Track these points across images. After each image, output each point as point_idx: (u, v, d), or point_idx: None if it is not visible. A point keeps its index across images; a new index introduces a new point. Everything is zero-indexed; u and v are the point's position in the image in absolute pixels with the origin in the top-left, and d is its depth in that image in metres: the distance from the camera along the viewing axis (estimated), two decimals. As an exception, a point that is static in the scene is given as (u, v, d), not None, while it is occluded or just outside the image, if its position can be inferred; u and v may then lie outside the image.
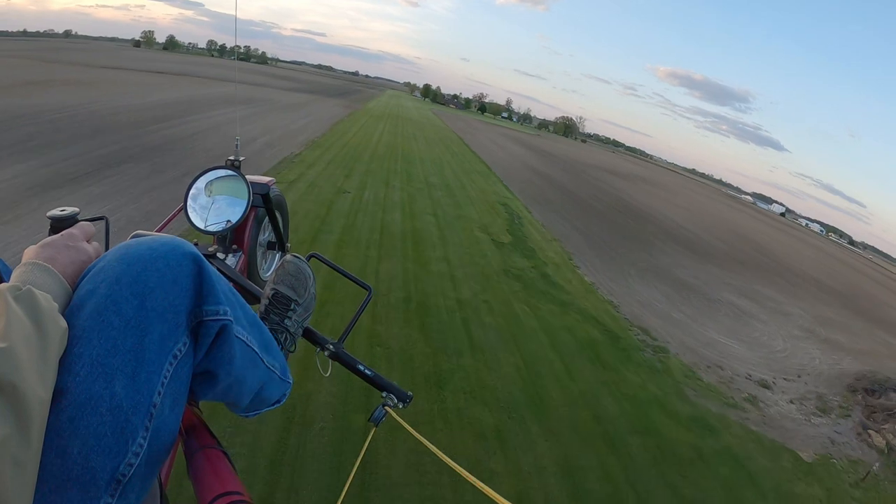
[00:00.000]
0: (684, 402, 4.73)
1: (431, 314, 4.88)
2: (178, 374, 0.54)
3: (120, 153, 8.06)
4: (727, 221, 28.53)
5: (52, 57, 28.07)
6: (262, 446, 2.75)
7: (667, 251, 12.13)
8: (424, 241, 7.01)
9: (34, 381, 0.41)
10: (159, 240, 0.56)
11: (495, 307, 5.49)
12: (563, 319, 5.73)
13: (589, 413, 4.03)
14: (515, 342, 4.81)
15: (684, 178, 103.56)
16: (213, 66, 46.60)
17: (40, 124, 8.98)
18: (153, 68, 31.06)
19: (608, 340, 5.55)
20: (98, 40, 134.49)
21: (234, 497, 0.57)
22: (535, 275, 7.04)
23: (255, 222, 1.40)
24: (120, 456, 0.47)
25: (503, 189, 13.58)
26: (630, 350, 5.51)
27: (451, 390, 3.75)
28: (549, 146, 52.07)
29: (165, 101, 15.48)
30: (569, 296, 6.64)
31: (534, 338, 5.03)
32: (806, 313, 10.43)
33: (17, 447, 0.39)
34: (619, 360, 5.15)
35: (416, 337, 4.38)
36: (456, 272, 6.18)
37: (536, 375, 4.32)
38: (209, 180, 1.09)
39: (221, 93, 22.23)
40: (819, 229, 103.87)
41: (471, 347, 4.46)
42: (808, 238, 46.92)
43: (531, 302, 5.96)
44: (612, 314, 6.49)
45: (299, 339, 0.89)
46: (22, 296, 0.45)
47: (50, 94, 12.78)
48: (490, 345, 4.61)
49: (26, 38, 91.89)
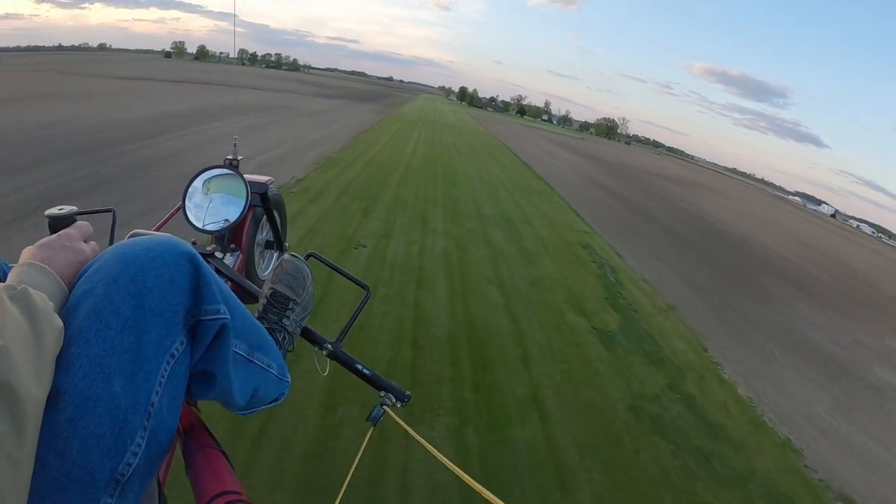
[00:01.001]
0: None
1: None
2: (175, 373, 0.54)
3: (72, 184, 5.92)
4: (801, 234, 24.34)
5: (73, 69, 27.28)
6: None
7: (780, 296, 9.04)
8: (490, 351, 4.03)
9: (29, 379, 0.42)
10: (156, 239, 0.56)
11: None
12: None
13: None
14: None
15: (730, 179, 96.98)
16: (240, 75, 45.96)
17: (13, 144, 7.40)
18: (175, 77, 30.00)
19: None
20: (135, 53, 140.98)
21: (232, 497, 0.56)
22: (678, 410, 3.94)
23: (253, 222, 1.41)
24: (119, 456, 0.47)
25: (574, 217, 10.48)
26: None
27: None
28: (597, 150, 48.31)
29: (166, 113, 13.37)
30: (741, 453, 3.55)
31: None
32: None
33: (12, 445, 0.39)
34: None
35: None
36: (557, 435, 3.16)
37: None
38: (207, 179, 1.10)
39: (236, 100, 20.39)
40: (870, 230, 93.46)
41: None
42: (864, 242, 40.14)
43: (699, 499, 2.97)
44: (802, 476, 3.44)
45: (297, 338, 0.91)
46: (17, 295, 0.46)
47: (44, 108, 11.10)
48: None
49: (60, 52, 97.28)
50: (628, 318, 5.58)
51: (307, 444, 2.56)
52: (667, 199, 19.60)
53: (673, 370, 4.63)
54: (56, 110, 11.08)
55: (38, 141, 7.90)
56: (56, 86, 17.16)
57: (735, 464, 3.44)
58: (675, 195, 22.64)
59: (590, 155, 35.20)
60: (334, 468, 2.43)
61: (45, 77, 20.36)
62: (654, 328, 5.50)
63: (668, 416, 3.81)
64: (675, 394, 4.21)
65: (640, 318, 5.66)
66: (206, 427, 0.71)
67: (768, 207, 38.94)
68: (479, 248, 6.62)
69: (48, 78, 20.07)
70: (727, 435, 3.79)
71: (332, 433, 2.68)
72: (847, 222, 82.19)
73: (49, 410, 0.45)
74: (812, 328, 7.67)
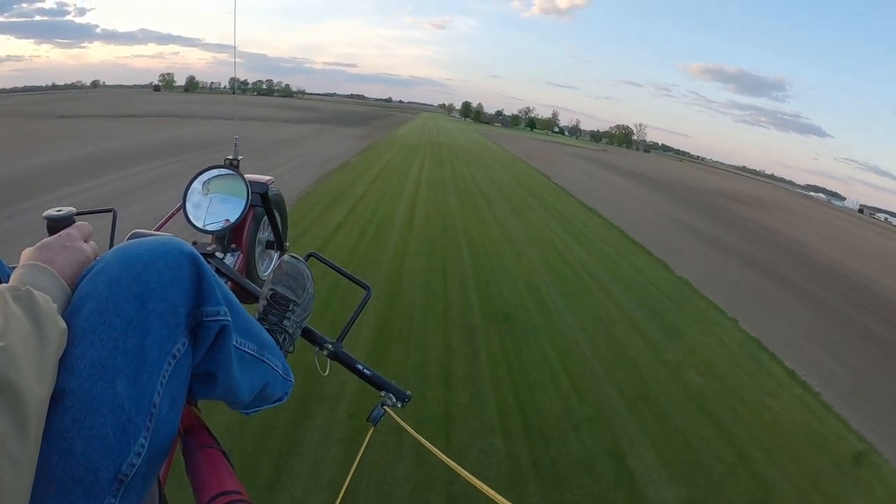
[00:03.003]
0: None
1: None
2: (176, 373, 0.55)
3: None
4: (880, 254, 19.56)
5: (32, 110, 24.45)
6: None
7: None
8: None
9: (32, 380, 0.43)
10: (158, 240, 0.58)
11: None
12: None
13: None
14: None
15: (762, 182, 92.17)
16: (216, 105, 43.09)
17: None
18: (139, 112, 26.91)
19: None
20: (131, 88, 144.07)
21: (232, 496, 0.57)
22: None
23: (253, 221, 1.41)
24: (122, 456, 0.48)
25: (782, 373, 6.42)
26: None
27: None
28: (630, 163, 44.37)
29: (61, 162, 9.74)
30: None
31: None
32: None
33: (14, 445, 0.40)
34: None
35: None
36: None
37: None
38: (207, 179, 1.11)
39: (191, 132, 16.84)
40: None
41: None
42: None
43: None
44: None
45: (298, 339, 0.92)
46: (21, 296, 0.47)
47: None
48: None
49: (54, 91, 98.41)
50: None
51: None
52: (757, 233, 15.28)
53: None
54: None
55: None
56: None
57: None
58: (752, 221, 18.34)
59: (636, 174, 30.44)
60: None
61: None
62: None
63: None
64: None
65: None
66: (206, 427, 0.72)
67: (838, 222, 34.33)
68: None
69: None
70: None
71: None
72: (875, 216, 75.29)
73: (53, 410, 0.46)
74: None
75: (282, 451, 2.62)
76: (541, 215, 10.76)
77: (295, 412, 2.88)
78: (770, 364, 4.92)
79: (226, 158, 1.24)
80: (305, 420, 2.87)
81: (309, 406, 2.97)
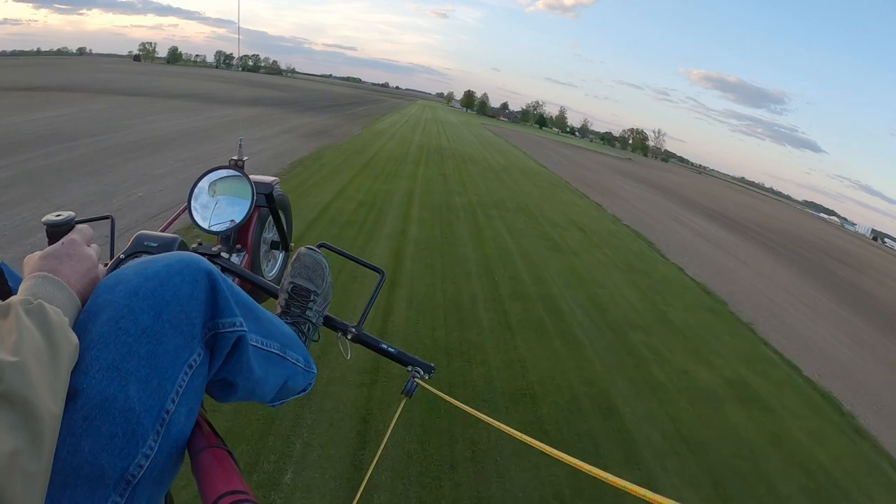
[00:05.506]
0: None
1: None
2: (192, 384, 0.57)
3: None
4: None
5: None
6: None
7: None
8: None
9: (46, 395, 0.44)
10: (176, 256, 0.60)
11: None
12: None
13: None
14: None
15: (755, 195, 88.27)
16: (167, 76, 37.42)
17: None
18: (54, 84, 21.51)
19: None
20: (109, 58, 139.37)
21: (238, 496, 0.59)
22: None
23: (258, 222, 1.49)
24: (129, 457, 0.50)
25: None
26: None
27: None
28: (669, 180, 39.64)
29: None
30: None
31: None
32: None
33: (28, 460, 0.41)
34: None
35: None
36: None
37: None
38: (213, 180, 1.15)
39: (88, 113, 11.27)
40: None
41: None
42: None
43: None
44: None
45: (320, 326, 0.99)
46: (33, 309, 0.48)
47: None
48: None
49: (38, 55, 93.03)
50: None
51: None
52: (878, 310, 11.54)
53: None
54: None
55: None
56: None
57: None
58: (866, 293, 14.76)
59: (700, 206, 24.97)
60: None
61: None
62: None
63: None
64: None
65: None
66: (211, 426, 0.72)
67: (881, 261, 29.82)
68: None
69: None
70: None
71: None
72: (885, 244, 70.65)
73: (66, 407, 0.47)
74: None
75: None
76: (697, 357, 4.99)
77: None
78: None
79: (230, 159, 1.28)
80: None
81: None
